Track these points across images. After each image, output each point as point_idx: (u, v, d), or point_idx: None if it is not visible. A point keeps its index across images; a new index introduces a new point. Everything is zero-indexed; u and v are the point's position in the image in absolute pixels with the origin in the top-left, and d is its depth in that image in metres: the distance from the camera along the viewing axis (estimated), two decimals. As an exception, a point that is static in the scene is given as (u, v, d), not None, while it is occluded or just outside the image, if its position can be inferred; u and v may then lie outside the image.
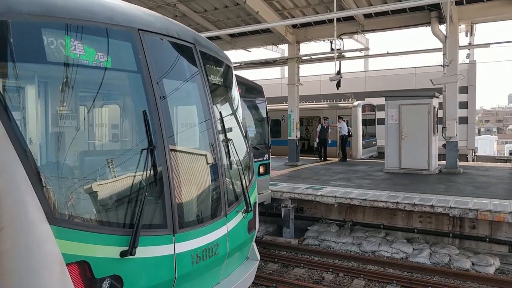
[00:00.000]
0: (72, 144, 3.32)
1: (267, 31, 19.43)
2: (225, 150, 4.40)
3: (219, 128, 4.34)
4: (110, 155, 3.75)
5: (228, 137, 4.49)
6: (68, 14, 3.17)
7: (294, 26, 19.42)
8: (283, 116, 23.15)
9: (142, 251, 3.23)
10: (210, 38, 17.17)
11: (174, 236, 3.50)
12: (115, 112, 4.66)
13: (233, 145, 4.54)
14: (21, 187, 2.72)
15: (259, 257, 5.10)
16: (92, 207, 3.19)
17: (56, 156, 3.15)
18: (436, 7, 15.05)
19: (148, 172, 3.38)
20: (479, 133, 65.26)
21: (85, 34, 3.24)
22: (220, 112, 4.46)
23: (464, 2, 15.72)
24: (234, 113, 4.96)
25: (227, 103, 4.93)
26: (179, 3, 17.81)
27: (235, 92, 5.10)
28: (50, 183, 2.88)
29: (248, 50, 22.87)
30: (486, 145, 50.00)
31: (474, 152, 27.19)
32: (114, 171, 3.42)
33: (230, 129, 4.65)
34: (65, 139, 3.22)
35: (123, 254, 3.09)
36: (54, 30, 3.07)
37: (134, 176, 3.38)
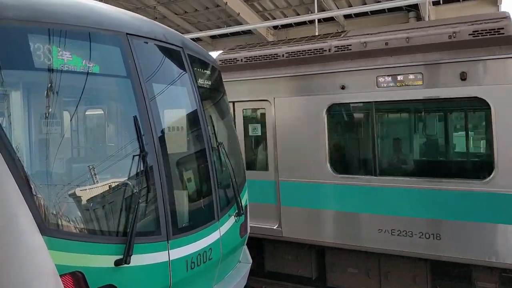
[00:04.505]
0: (63, 151, 3.25)
1: (248, 32, 19.47)
2: (216, 153, 4.37)
3: (210, 131, 4.31)
4: (99, 162, 3.68)
5: (219, 141, 4.46)
6: (55, 19, 3.10)
7: (275, 27, 19.50)
8: None
9: (137, 259, 3.17)
10: (191, 40, 17.04)
11: (168, 242, 3.46)
12: (103, 118, 4.58)
13: (224, 148, 4.51)
14: (12, 198, 2.64)
15: (251, 260, 5.08)
16: (85, 216, 3.12)
17: (47, 164, 3.06)
18: (414, 7, 15.36)
19: (141, 178, 3.32)
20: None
21: (73, 39, 3.17)
22: (210, 115, 4.43)
23: (441, 2, 16.08)
24: (224, 115, 4.93)
25: (217, 106, 4.90)
26: (159, 5, 17.68)
27: (224, 94, 5.08)
28: (42, 193, 2.81)
29: (229, 52, 22.82)
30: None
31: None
32: (105, 179, 3.36)
33: (221, 132, 4.62)
34: (56, 147, 3.15)
35: (117, 263, 3.03)
36: (40, 35, 2.99)
37: (127, 183, 3.32)
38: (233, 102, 7.52)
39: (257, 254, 7.84)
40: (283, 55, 7.48)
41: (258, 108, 7.49)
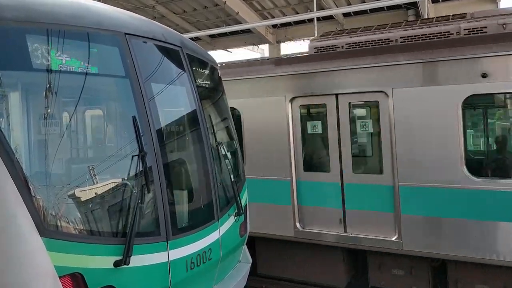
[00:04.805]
0: (62, 152, 3.23)
1: (247, 31, 19.45)
2: (215, 153, 4.36)
3: (209, 131, 4.30)
4: (98, 162, 3.67)
5: (218, 140, 4.46)
6: (53, 19, 3.09)
7: (274, 26, 19.48)
8: None
9: (136, 260, 3.16)
10: (190, 39, 17.06)
11: (167, 243, 3.45)
12: (102, 118, 4.57)
13: (223, 148, 4.50)
14: (10, 199, 2.63)
15: (250, 260, 5.08)
16: (84, 217, 3.11)
17: (46, 165, 3.05)
18: (413, 5, 15.33)
19: (140, 178, 3.31)
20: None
21: (71, 40, 3.16)
22: (210, 115, 4.42)
23: (440, 0, 16.06)
24: (222, 115, 4.92)
25: (216, 105, 4.89)
26: (158, 4, 17.66)
27: (223, 94, 5.07)
28: (41, 193, 2.80)
29: (228, 51, 22.83)
30: None
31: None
32: (104, 179, 3.34)
33: (220, 132, 4.61)
34: (54, 147, 3.13)
35: (117, 263, 3.02)
36: (38, 36, 2.98)
37: (126, 183, 3.31)
38: (336, 95, 6.63)
39: (347, 265, 7.09)
40: (396, 40, 6.71)
41: (371, 101, 6.47)
